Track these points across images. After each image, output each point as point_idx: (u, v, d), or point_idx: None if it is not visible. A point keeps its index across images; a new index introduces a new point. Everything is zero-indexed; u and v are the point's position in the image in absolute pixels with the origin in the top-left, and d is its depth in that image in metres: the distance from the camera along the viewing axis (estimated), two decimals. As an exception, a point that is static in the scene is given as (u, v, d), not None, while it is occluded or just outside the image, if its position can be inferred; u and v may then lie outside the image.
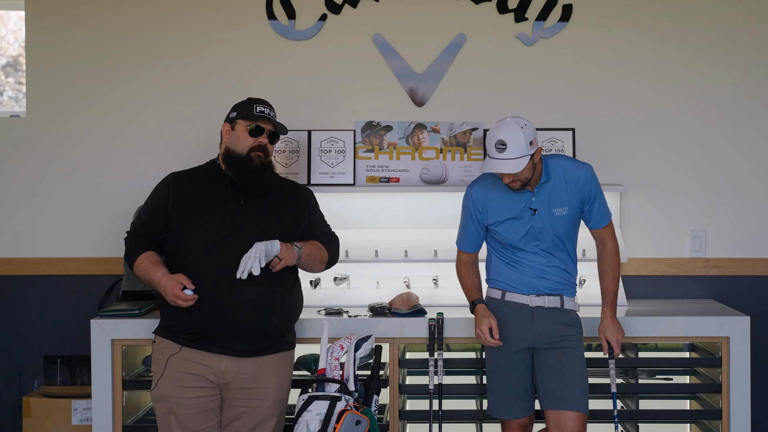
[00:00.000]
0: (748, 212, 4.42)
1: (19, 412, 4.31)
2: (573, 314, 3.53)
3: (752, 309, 4.19)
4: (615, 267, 3.56)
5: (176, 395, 3.34)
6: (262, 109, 3.43)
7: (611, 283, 3.55)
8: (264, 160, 3.39)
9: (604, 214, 3.53)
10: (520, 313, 3.49)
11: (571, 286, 3.54)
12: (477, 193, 3.54)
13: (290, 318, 3.48)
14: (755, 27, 4.41)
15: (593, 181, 3.47)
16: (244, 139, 3.40)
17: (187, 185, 3.44)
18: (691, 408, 4.23)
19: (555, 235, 3.46)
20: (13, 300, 4.49)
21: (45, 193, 4.48)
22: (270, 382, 3.37)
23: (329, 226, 3.61)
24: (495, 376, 3.55)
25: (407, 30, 4.44)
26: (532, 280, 3.49)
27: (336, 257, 3.59)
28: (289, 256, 3.31)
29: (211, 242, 3.31)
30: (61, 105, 4.49)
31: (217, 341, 3.32)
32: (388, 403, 3.89)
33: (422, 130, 4.40)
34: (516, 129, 3.30)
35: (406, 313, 3.90)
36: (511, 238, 3.48)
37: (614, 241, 3.56)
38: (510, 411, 3.53)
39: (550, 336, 3.47)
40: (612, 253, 3.56)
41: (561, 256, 3.49)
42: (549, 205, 3.44)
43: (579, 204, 3.47)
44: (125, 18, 4.47)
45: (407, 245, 4.28)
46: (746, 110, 4.42)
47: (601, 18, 4.42)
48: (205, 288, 3.29)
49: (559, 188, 3.45)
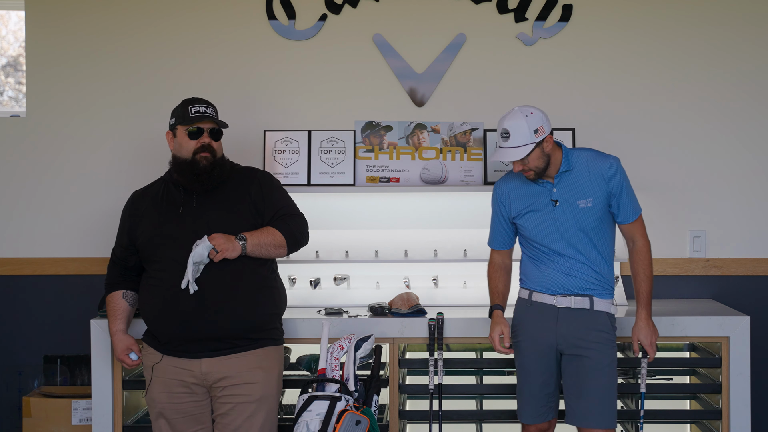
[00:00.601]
0: (748, 212, 4.42)
1: (19, 412, 4.32)
2: (603, 317, 3.39)
3: (752, 309, 4.19)
4: (646, 266, 3.44)
5: (165, 401, 3.38)
6: (198, 108, 3.41)
7: (643, 283, 3.43)
8: (211, 160, 3.38)
9: (631, 208, 3.42)
10: (546, 314, 3.42)
11: (602, 286, 3.41)
12: (501, 187, 3.53)
13: (266, 312, 3.43)
14: (755, 27, 4.41)
15: (618, 173, 3.38)
16: (186, 143, 3.40)
17: (145, 201, 3.49)
18: (691, 408, 4.23)
19: (580, 229, 3.37)
20: (13, 300, 4.49)
21: (45, 193, 4.49)
22: (254, 377, 3.35)
23: (294, 206, 3.52)
24: (519, 378, 3.51)
25: (407, 30, 4.44)
26: (558, 278, 3.40)
27: (302, 238, 3.48)
28: (228, 247, 3.26)
29: (171, 250, 3.32)
30: (61, 105, 4.49)
31: (192, 346, 3.33)
32: (388, 403, 3.89)
33: (422, 130, 4.40)
34: (520, 118, 3.31)
35: (406, 313, 3.90)
36: (535, 233, 3.43)
37: (644, 238, 3.45)
38: (528, 415, 3.48)
39: (574, 339, 3.38)
40: (642, 251, 3.44)
41: (589, 253, 3.39)
42: (572, 196, 3.38)
43: (605, 197, 3.37)
44: (125, 18, 4.47)
45: (407, 245, 4.28)
46: (746, 110, 4.42)
47: (601, 18, 4.42)
48: (172, 296, 3.30)
49: (582, 179, 3.38)
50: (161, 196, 3.46)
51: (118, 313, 3.51)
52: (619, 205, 3.40)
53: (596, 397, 3.36)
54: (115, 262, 3.54)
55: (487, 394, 4.07)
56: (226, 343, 3.34)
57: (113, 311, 3.51)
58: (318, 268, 4.29)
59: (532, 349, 3.45)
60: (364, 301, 4.14)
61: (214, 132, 3.43)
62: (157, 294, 3.35)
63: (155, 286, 3.37)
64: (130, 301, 3.52)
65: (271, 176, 3.56)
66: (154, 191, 3.51)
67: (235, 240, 3.30)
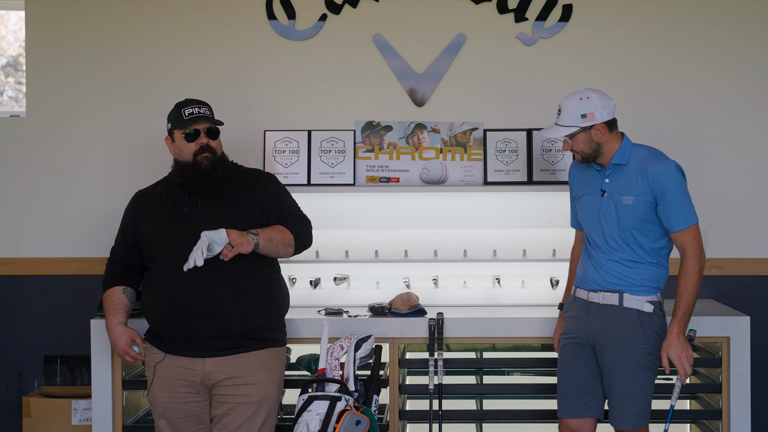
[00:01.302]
0: (748, 212, 4.42)
1: (19, 412, 4.31)
2: (633, 314, 3.32)
3: (752, 309, 4.18)
4: (689, 279, 3.27)
5: (166, 400, 3.38)
6: (191, 110, 3.42)
7: (682, 297, 3.28)
8: (213, 159, 3.39)
9: (678, 216, 3.27)
10: (581, 309, 3.44)
11: (638, 284, 3.33)
12: (572, 167, 3.60)
13: (270, 312, 3.44)
14: (755, 27, 4.41)
15: (665, 177, 3.26)
16: (185, 147, 3.41)
17: (149, 200, 3.49)
18: (691, 408, 4.23)
19: (620, 225, 3.33)
20: (13, 300, 4.49)
21: (45, 193, 4.49)
22: (256, 377, 3.35)
23: (298, 208, 3.53)
24: (558, 369, 3.53)
25: (407, 30, 4.44)
26: (592, 272, 3.40)
27: (307, 239, 3.48)
28: (243, 242, 3.23)
29: (176, 250, 3.31)
30: (61, 105, 4.49)
31: (196, 345, 3.33)
32: (388, 403, 3.89)
33: (422, 130, 4.40)
34: (574, 99, 3.34)
35: (406, 313, 3.90)
36: (583, 217, 3.47)
37: (694, 251, 3.28)
38: (562, 408, 3.47)
39: (602, 336, 3.34)
40: (688, 263, 3.28)
41: (627, 251, 3.33)
42: (618, 191, 3.34)
43: (648, 197, 3.29)
44: (125, 18, 4.47)
45: (407, 245, 4.28)
46: (746, 110, 4.41)
47: (601, 18, 4.42)
48: (176, 296, 3.31)
49: (631, 176, 3.33)
50: (165, 195, 3.47)
51: (118, 306, 3.48)
52: (666, 211, 3.28)
53: (621, 398, 3.32)
54: (115, 260, 3.54)
55: (487, 394, 4.07)
56: (230, 342, 3.34)
57: (113, 305, 3.48)
58: (318, 268, 4.30)
59: (568, 342, 3.47)
60: (364, 301, 4.14)
61: (210, 131, 3.43)
62: (161, 292, 3.35)
63: (159, 285, 3.37)
64: (130, 298, 3.51)
65: (275, 178, 3.57)
66: (158, 191, 3.51)
67: (249, 235, 3.29)
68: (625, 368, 3.31)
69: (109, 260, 3.57)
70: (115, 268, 3.53)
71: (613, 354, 3.32)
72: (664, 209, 3.28)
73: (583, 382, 3.43)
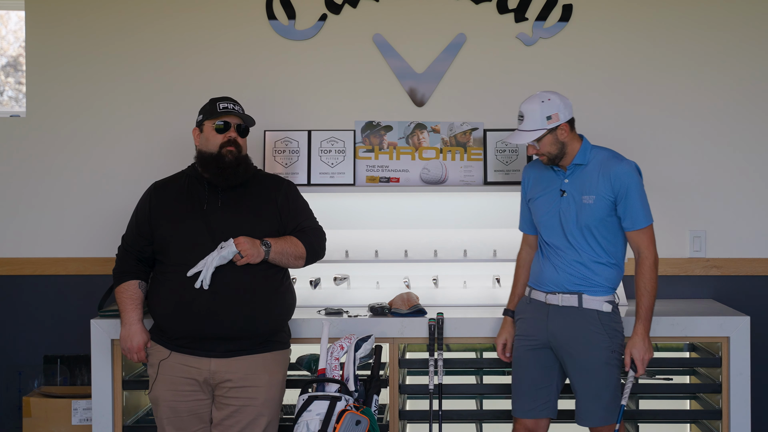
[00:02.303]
0: (748, 212, 4.42)
1: (19, 412, 4.31)
2: (593, 315, 3.39)
3: (752, 309, 4.18)
4: (647, 279, 3.35)
5: (170, 398, 3.37)
6: (226, 105, 3.45)
7: (643, 297, 3.36)
8: (237, 155, 3.40)
9: (638, 216, 3.36)
10: (538, 311, 3.48)
11: (596, 284, 3.39)
12: (527, 169, 3.63)
13: (279, 317, 3.46)
14: (755, 28, 4.41)
15: (628, 177, 3.34)
16: (213, 137, 3.42)
17: (167, 193, 3.48)
18: (691, 408, 4.23)
19: (580, 225, 3.38)
20: (13, 300, 4.49)
21: (45, 193, 4.48)
22: (260, 381, 3.36)
23: (315, 219, 3.57)
24: (513, 372, 3.57)
25: (407, 30, 4.44)
26: (550, 274, 3.44)
27: (320, 251, 3.52)
28: (253, 253, 3.28)
29: (192, 246, 3.31)
30: (61, 105, 4.49)
31: (203, 344, 3.34)
32: (388, 403, 3.89)
33: (422, 130, 4.40)
34: (535, 102, 3.38)
35: (406, 313, 3.90)
36: (540, 219, 3.48)
37: (649, 250, 3.37)
38: (518, 409, 3.52)
39: (564, 338, 3.41)
40: (645, 263, 3.37)
41: (586, 251, 3.39)
42: (578, 191, 3.40)
43: (609, 197, 3.36)
44: (125, 18, 4.47)
45: (407, 245, 4.28)
46: (746, 110, 4.41)
47: (601, 18, 4.42)
48: (189, 293, 3.30)
49: (592, 176, 3.39)
50: (185, 190, 3.46)
51: (136, 301, 3.45)
52: (625, 210, 3.36)
53: (590, 396, 3.39)
54: (128, 251, 3.50)
55: (487, 394, 4.07)
56: (237, 344, 3.34)
57: (131, 299, 3.45)
58: (318, 268, 4.27)
59: (525, 343, 3.50)
60: (364, 301, 4.13)
61: (240, 128, 3.45)
62: (173, 289, 3.34)
63: (171, 281, 3.35)
64: (144, 293, 3.49)
65: (296, 187, 3.60)
66: (177, 184, 3.50)
67: (260, 245, 3.31)
68: (591, 367, 3.38)
69: (121, 251, 3.53)
70: (129, 260, 3.49)
71: (577, 354, 3.39)
72: (624, 209, 3.35)
73: (540, 382, 3.48)
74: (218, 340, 3.33)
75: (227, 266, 3.29)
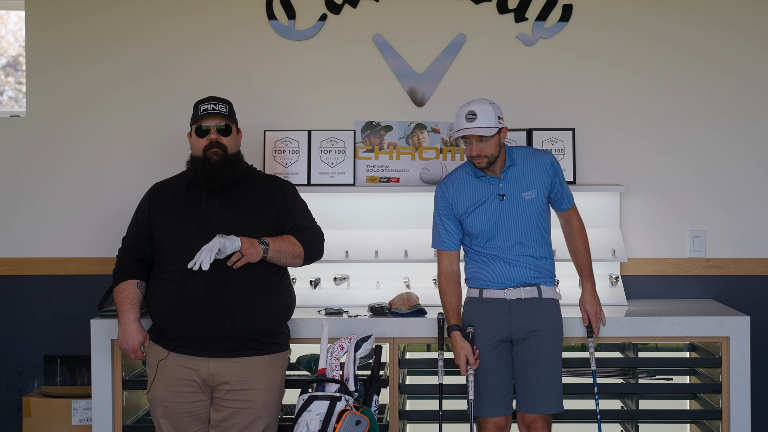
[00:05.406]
0: (748, 212, 4.42)
1: (19, 412, 4.31)
2: (551, 303, 3.57)
3: (752, 309, 4.18)
4: (585, 242, 3.69)
5: (168, 399, 3.38)
6: (206, 106, 3.46)
7: (585, 258, 3.68)
8: (222, 155, 3.40)
9: (569, 196, 3.67)
10: (498, 308, 3.54)
11: (548, 275, 3.59)
12: (447, 186, 3.65)
13: (278, 317, 3.46)
14: (755, 27, 4.41)
15: (556, 165, 3.61)
16: (197, 142, 3.45)
17: (166, 193, 3.50)
18: (691, 408, 4.23)
19: (525, 222, 3.53)
20: (13, 300, 4.49)
21: (45, 193, 4.49)
22: (258, 383, 3.37)
23: (313, 219, 3.57)
24: (477, 373, 3.56)
25: (407, 30, 4.44)
26: (506, 271, 3.53)
27: (318, 251, 3.53)
28: (252, 252, 3.29)
29: (190, 246, 3.30)
30: (61, 105, 4.49)
31: (202, 345, 3.34)
32: (388, 403, 3.89)
33: (422, 130, 4.40)
34: (485, 104, 3.50)
35: (406, 313, 3.90)
36: (482, 227, 3.54)
37: (578, 219, 3.71)
38: (488, 409, 3.55)
39: (527, 328, 3.51)
40: (581, 229, 3.69)
41: (533, 245, 3.55)
42: (518, 189, 3.54)
43: (547, 188, 3.58)
44: (125, 18, 4.47)
45: (407, 245, 4.28)
46: (746, 110, 4.41)
47: (601, 18, 4.42)
48: (186, 294, 3.31)
49: (527, 172, 3.56)
50: (183, 190, 3.47)
51: (133, 301, 3.47)
52: (561, 193, 3.62)
53: (548, 384, 3.50)
54: (127, 251, 3.52)
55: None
56: (237, 344, 3.34)
57: (128, 299, 3.46)
58: (318, 268, 4.28)
59: (487, 343, 3.54)
60: (364, 301, 4.14)
61: (222, 128, 3.45)
62: (171, 288, 3.35)
63: (169, 281, 3.36)
64: (143, 293, 3.50)
65: (295, 188, 3.60)
66: (176, 185, 3.51)
67: (258, 245, 3.31)
68: (548, 355, 3.52)
69: (121, 251, 3.55)
70: (128, 260, 3.50)
71: (536, 344, 3.51)
72: (558, 192, 3.62)
73: (506, 379, 3.56)
74: (216, 340, 3.33)
75: (226, 266, 3.29)
